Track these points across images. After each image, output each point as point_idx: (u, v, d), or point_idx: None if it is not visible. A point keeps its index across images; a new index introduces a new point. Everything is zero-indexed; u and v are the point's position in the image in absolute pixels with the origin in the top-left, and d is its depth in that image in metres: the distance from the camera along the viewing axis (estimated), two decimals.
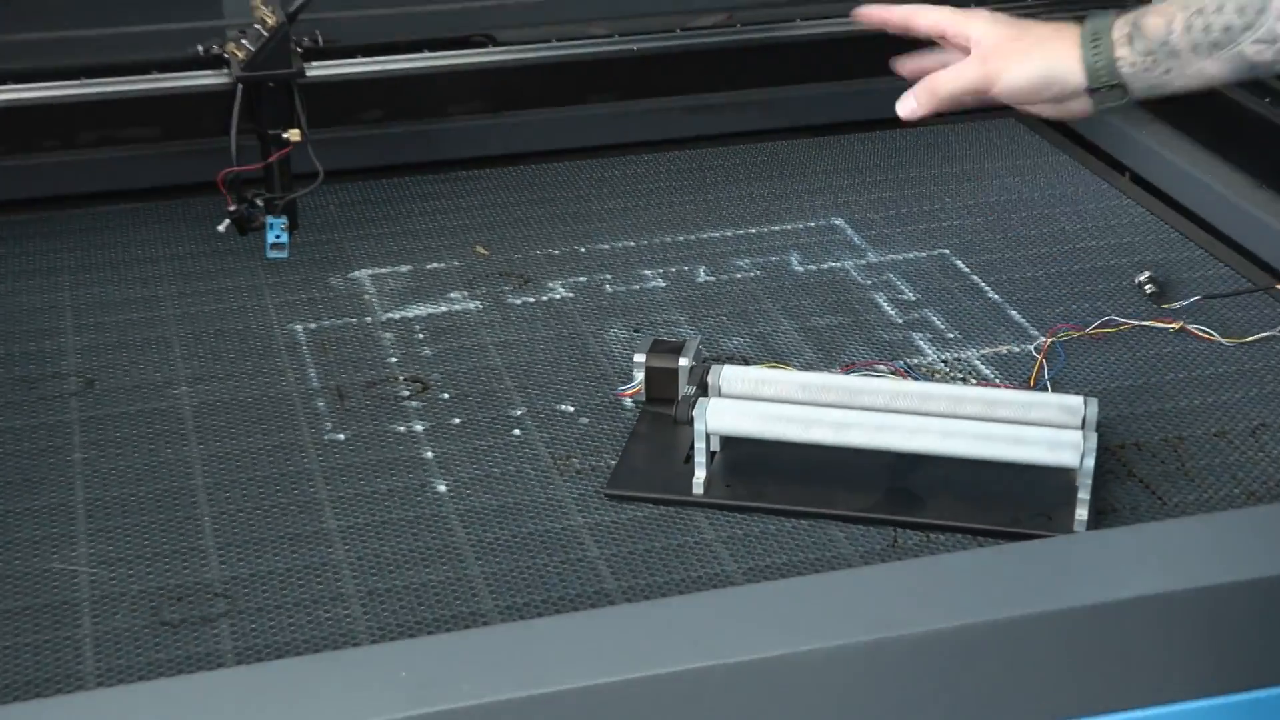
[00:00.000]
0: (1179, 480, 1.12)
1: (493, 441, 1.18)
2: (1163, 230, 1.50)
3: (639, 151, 1.69)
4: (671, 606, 0.96)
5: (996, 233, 1.51)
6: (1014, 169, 1.64)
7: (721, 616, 0.93)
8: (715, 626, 0.92)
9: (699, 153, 1.70)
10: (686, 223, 1.55)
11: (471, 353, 1.31)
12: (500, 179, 1.64)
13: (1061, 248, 1.48)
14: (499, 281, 1.43)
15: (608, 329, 1.34)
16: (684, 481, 1.11)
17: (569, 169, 1.66)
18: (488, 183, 1.63)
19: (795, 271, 1.44)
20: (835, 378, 1.15)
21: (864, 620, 0.92)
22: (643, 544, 1.06)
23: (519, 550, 1.06)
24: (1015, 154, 1.67)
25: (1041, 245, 1.48)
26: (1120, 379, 1.25)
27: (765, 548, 1.06)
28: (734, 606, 0.94)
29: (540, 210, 1.57)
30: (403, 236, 1.51)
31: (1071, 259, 1.46)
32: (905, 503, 1.09)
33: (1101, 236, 1.50)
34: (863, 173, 1.64)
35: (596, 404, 1.23)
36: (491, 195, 1.61)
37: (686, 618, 0.93)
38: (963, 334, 1.32)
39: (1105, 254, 1.47)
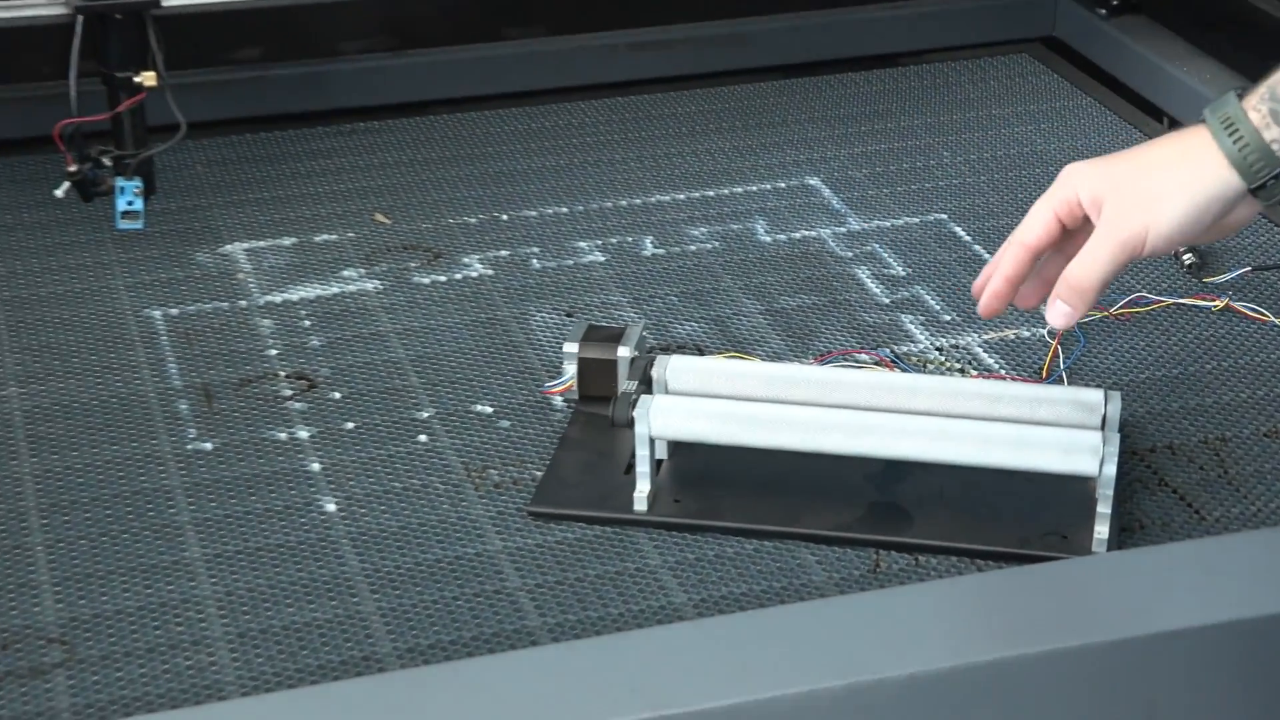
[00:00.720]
0: (1221, 490, 1.14)
1: (394, 450, 1.18)
2: None
3: (572, 98, 1.69)
4: (608, 647, 0.96)
5: (1004, 194, 1.52)
6: (1027, 115, 1.66)
7: (668, 658, 0.93)
8: (661, 670, 0.92)
9: (644, 99, 1.70)
10: (629, 184, 1.55)
11: (369, 343, 1.31)
12: (404, 132, 1.64)
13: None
14: (402, 256, 1.43)
15: (534, 313, 1.34)
16: (624, 496, 1.11)
17: (487, 119, 1.66)
18: (388, 136, 1.63)
19: (761, 242, 1.45)
20: (807, 370, 1.15)
21: (839, 662, 0.92)
22: (574, 572, 1.07)
23: (424, 581, 1.06)
24: (1029, 96, 1.69)
25: None
26: (1151, 368, 1.26)
27: (721, 575, 1.06)
28: (683, 646, 0.95)
29: (452, 170, 1.57)
30: (285, 203, 1.51)
31: None
32: (890, 519, 1.10)
33: None
34: (843, 122, 1.65)
35: (520, 404, 1.23)
36: (393, 152, 1.60)
37: (626, 660, 0.93)
38: (962, 316, 1.33)
39: None
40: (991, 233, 1.45)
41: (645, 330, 1.24)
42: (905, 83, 1.72)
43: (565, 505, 1.12)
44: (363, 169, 1.57)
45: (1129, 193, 1.05)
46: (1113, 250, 1.05)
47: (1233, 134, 1.03)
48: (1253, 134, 1.03)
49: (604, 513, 1.11)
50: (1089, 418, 1.10)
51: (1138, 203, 1.04)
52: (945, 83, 1.72)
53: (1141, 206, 1.04)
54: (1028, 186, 1.53)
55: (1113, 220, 1.05)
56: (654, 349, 1.28)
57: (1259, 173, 1.04)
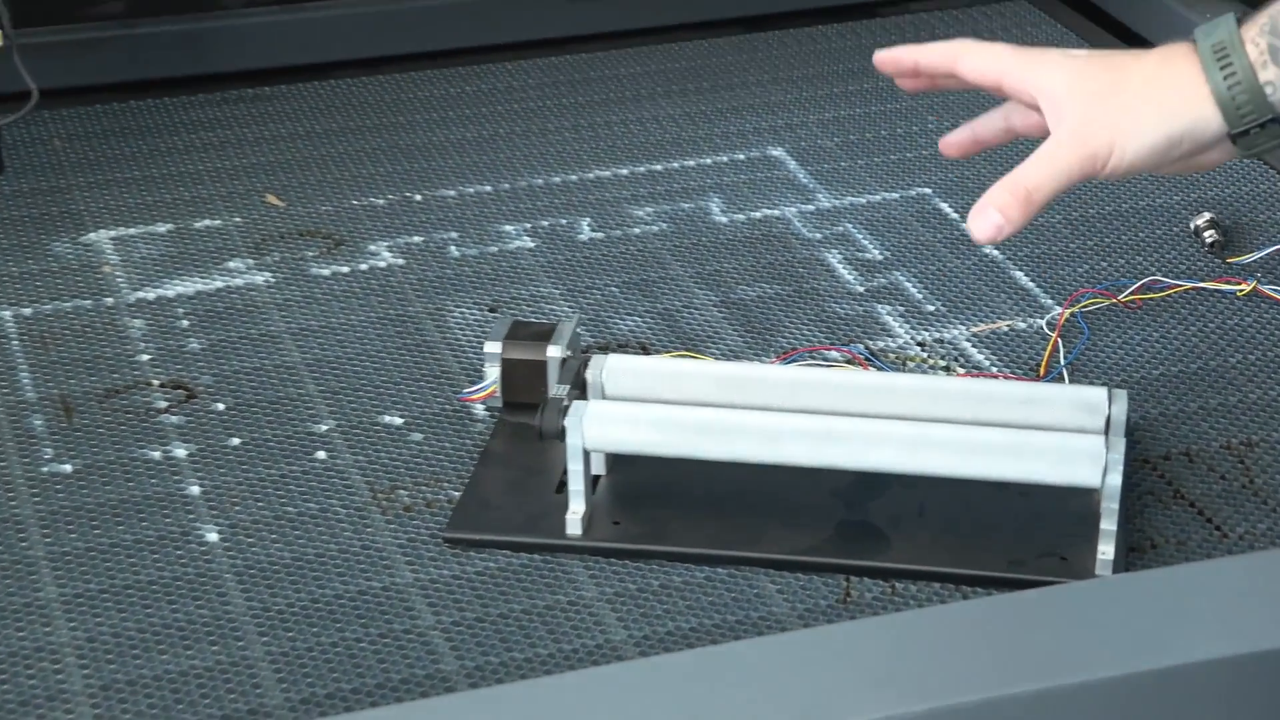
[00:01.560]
0: (1246, 502, 1.15)
1: (287, 470, 1.19)
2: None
3: (496, 58, 1.70)
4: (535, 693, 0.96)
5: (999, 163, 1.51)
6: None
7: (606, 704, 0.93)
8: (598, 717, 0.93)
9: (581, 58, 1.71)
10: (564, 157, 1.56)
11: (258, 345, 1.31)
12: (299, 99, 1.64)
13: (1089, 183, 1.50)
14: (298, 244, 1.43)
15: (452, 309, 1.35)
16: (555, 519, 1.12)
17: (397, 84, 1.67)
18: (281, 105, 1.63)
19: (715, 223, 1.46)
20: (768, 370, 1.16)
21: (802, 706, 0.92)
22: (496, 607, 1.07)
23: (321, 621, 1.06)
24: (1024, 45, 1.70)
25: None
26: (1166, 363, 1.28)
27: (668, 608, 1.07)
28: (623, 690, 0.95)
29: (356, 143, 1.58)
30: (159, 183, 1.51)
31: (1102, 198, 1.49)
32: (862, 541, 1.11)
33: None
34: (811, 83, 1.66)
35: (435, 414, 1.24)
36: (286, 123, 1.61)
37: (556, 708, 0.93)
38: (948, 306, 1.35)
39: (1149, 189, 1.50)
40: None
41: (580, 326, 1.25)
42: (883, 36, 1.73)
43: (487, 530, 1.12)
44: (251, 143, 1.57)
45: (1100, 104, 1.05)
46: (1073, 162, 1.05)
47: (1224, 66, 1.04)
48: (1246, 71, 1.03)
49: (532, 538, 1.11)
50: (1091, 420, 1.11)
51: (1108, 122, 1.05)
52: (931, 35, 1.73)
53: (1111, 126, 1.04)
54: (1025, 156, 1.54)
55: (1078, 132, 1.05)
56: (590, 348, 1.29)
57: (1245, 117, 1.04)
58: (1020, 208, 1.06)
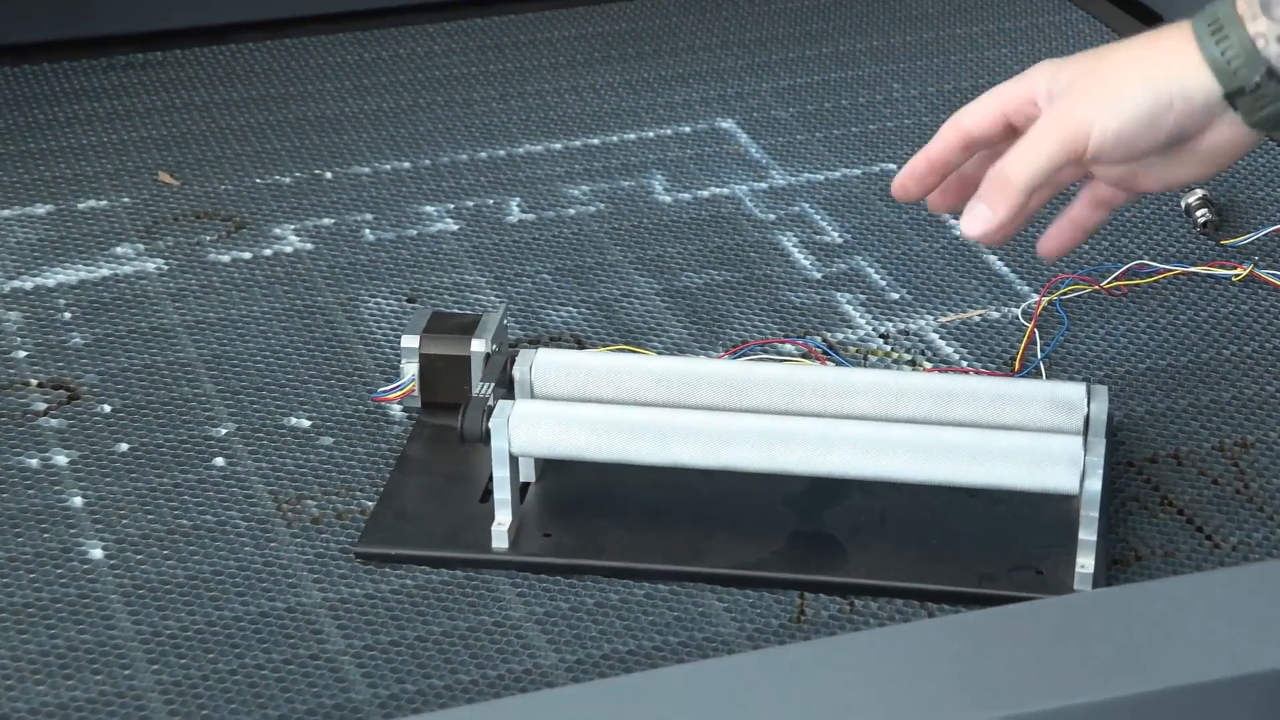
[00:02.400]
0: (1240, 510, 1.16)
1: (181, 478, 1.19)
2: None
3: (415, 19, 1.70)
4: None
5: None
6: (1001, 35, 1.68)
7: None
8: None
9: (510, 20, 1.71)
10: (491, 130, 1.56)
11: (149, 340, 1.31)
12: (195, 66, 1.64)
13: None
14: (194, 227, 1.43)
15: (366, 298, 1.36)
16: (479, 531, 1.12)
17: (305, 49, 1.67)
18: (175, 72, 1.63)
19: (659, 202, 1.47)
20: (715, 365, 1.17)
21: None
22: (414, 630, 1.08)
23: (218, 646, 1.06)
24: (1003, 11, 1.71)
25: None
26: (1153, 356, 1.29)
27: (603, 628, 1.08)
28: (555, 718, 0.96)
29: (260, 113, 1.58)
30: (37, 159, 1.51)
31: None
32: (817, 554, 1.11)
33: None
34: (764, 47, 1.67)
35: (346, 415, 1.24)
36: (182, 92, 1.61)
37: None
38: (913, 293, 1.36)
39: None
40: None
41: (508, 318, 1.25)
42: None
43: (403, 544, 1.12)
44: (142, 114, 1.57)
45: (1081, 85, 1.09)
46: (1051, 142, 1.08)
47: (1215, 30, 1.07)
48: (1235, 26, 1.06)
49: (453, 552, 1.12)
50: (1069, 419, 1.11)
51: (1088, 94, 1.08)
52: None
53: (1091, 98, 1.08)
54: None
55: (1057, 111, 1.09)
56: (519, 342, 1.29)
57: (1237, 72, 1.06)
58: (1000, 195, 1.09)
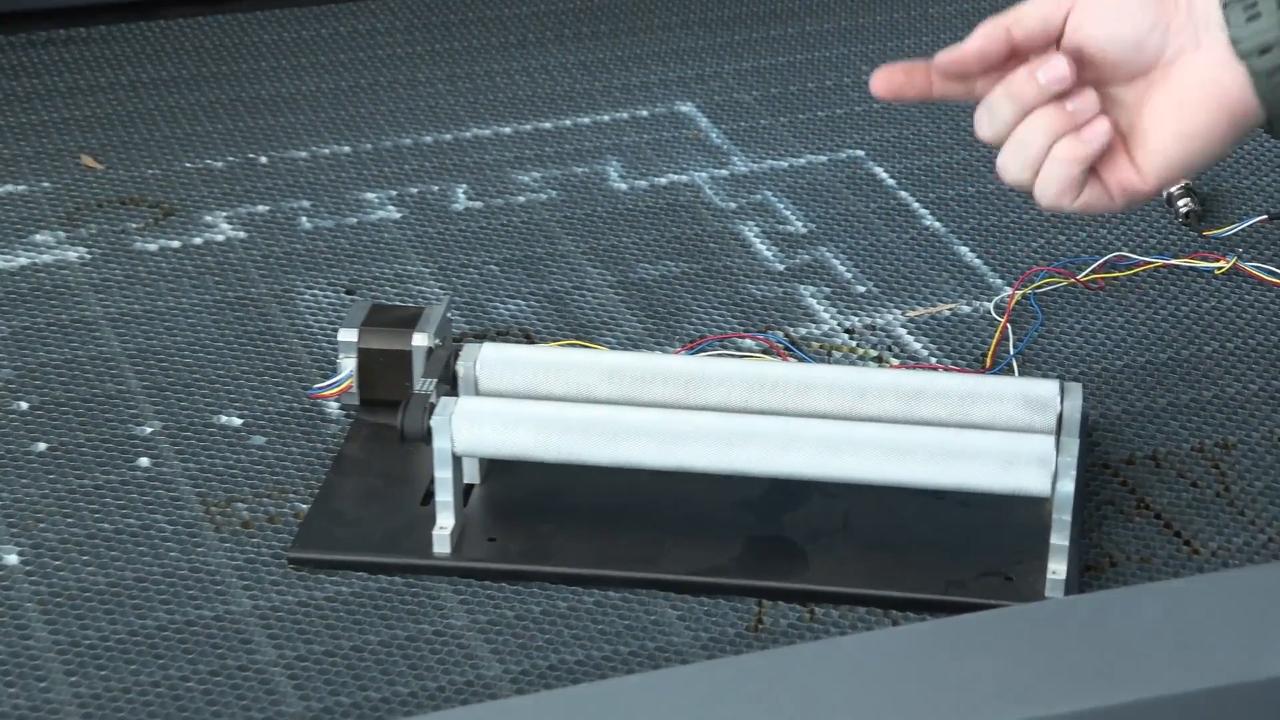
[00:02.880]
0: (1221, 514, 1.17)
1: (103, 479, 1.19)
2: None
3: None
4: None
5: (941, 121, 1.56)
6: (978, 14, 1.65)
7: None
8: None
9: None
10: (437, 113, 1.57)
11: (70, 333, 1.32)
12: (121, 43, 1.65)
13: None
14: (119, 214, 1.44)
15: (302, 290, 1.36)
16: (420, 535, 1.13)
17: (238, 26, 1.68)
18: (99, 49, 1.64)
19: (614, 190, 1.47)
20: (670, 361, 1.17)
21: None
22: (350, 639, 1.08)
23: (141, 657, 1.07)
24: None
25: None
26: (1130, 353, 1.30)
27: (550, 638, 1.08)
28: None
29: (191, 93, 1.58)
30: None
31: None
32: (776, 559, 1.12)
33: None
34: (727, 27, 1.68)
35: (280, 413, 1.25)
36: (107, 70, 1.61)
37: None
38: (881, 286, 1.37)
39: None
40: (923, 175, 1.49)
41: (452, 311, 1.27)
42: None
43: (339, 549, 1.13)
44: (63, 94, 1.57)
45: None
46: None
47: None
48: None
49: (392, 558, 1.12)
50: (1041, 418, 1.12)
51: None
52: None
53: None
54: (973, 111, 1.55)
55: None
56: (463, 336, 1.30)
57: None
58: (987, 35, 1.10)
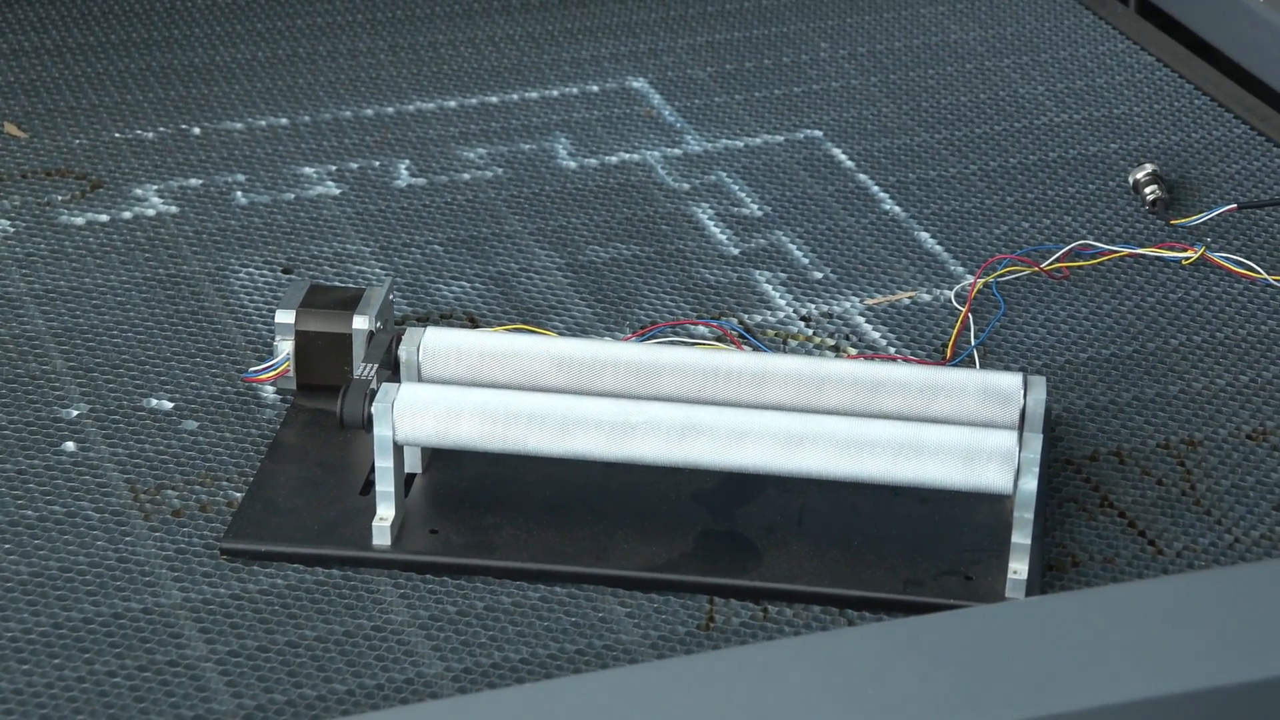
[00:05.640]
0: (1186, 513, 1.18)
1: (27, 464, 1.20)
2: (1179, 92, 1.58)
3: None
4: None
5: (902, 101, 1.57)
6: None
7: None
8: None
9: None
10: (379, 86, 1.57)
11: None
12: (47, 5, 1.65)
13: (1010, 126, 1.54)
14: (45, 186, 1.44)
15: (237, 268, 1.37)
16: (359, 526, 1.14)
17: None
18: (25, 11, 1.64)
19: (563, 168, 1.48)
20: (620, 348, 1.18)
21: None
22: (285, 634, 1.09)
23: (65, 651, 1.07)
24: None
25: (977, 124, 1.55)
26: (1094, 345, 1.31)
27: (494, 634, 1.09)
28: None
29: (119, 62, 1.59)
30: None
31: (1024, 145, 1.52)
32: (728, 556, 1.13)
33: (1077, 107, 1.57)
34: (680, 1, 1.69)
35: (213, 397, 1.25)
36: (31, 34, 1.62)
37: None
38: (839, 273, 1.38)
39: (1081, 135, 1.53)
40: (883, 157, 1.50)
41: (394, 293, 1.27)
42: None
43: (274, 540, 1.14)
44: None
45: None
46: None
47: None
48: None
49: (330, 549, 1.13)
50: (1003, 412, 1.14)
51: None
52: None
53: None
54: (936, 92, 1.57)
55: None
56: (406, 319, 1.31)
57: None
58: None
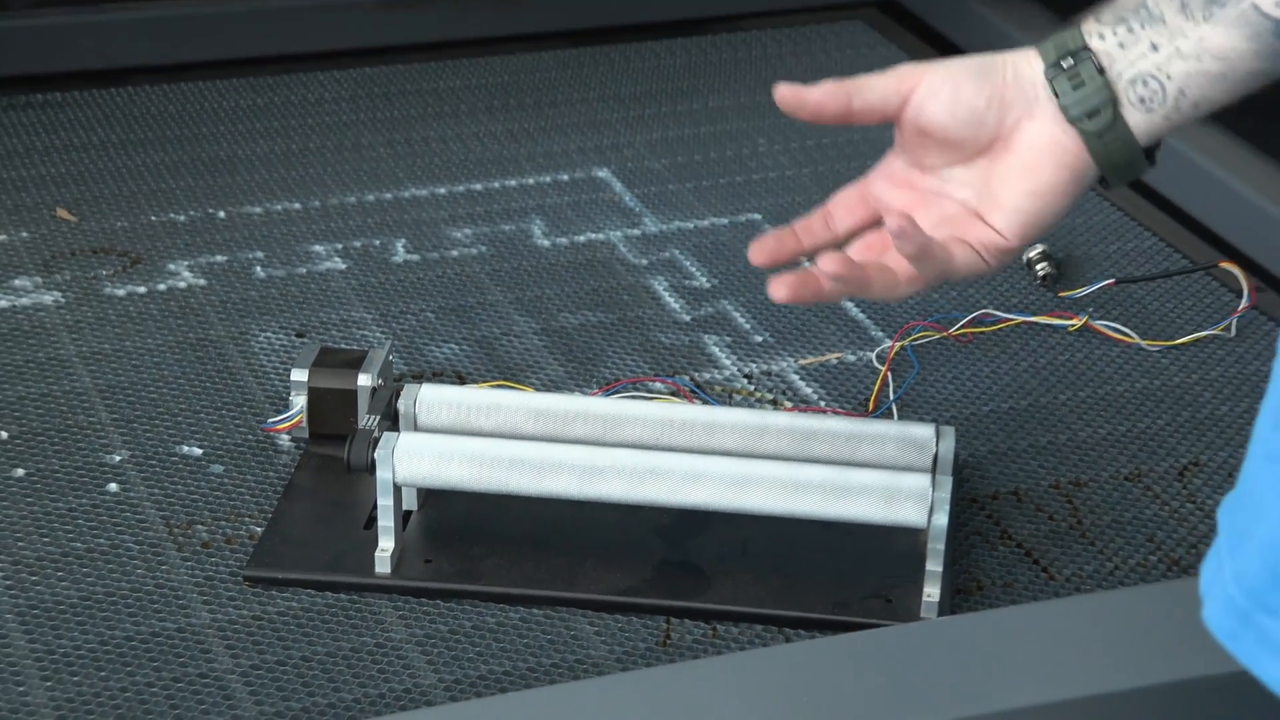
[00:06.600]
0: (1073, 544, 1.18)
1: (76, 503, 1.19)
2: None
3: (306, 67, 1.71)
4: None
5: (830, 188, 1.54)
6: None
7: None
8: None
9: (399, 69, 1.73)
10: (378, 175, 1.57)
11: (46, 369, 1.31)
12: (95, 106, 1.64)
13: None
14: (91, 262, 1.43)
15: (256, 333, 1.36)
16: (363, 556, 1.13)
17: (200, 93, 1.67)
18: (75, 112, 1.63)
19: (537, 246, 1.48)
20: (588, 402, 1.18)
21: None
22: (299, 650, 1.08)
23: (110, 664, 1.06)
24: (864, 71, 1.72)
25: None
26: (996, 400, 1.31)
27: (480, 650, 1.08)
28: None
29: (156, 154, 1.58)
30: None
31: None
32: (683, 581, 1.13)
33: None
34: (639, 101, 1.69)
35: (237, 444, 1.24)
36: (81, 132, 1.61)
37: None
38: (776, 336, 1.37)
39: None
40: None
41: (393, 354, 1.26)
42: (715, 54, 1.77)
43: (290, 568, 1.13)
44: (41, 152, 1.57)
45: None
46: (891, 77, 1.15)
47: (1057, 34, 1.07)
48: (1074, 29, 1.07)
49: (338, 576, 1.13)
50: (919, 458, 1.14)
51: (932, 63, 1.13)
52: (763, 54, 1.77)
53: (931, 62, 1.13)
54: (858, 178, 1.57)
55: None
56: (403, 377, 1.30)
57: (1061, 45, 1.07)
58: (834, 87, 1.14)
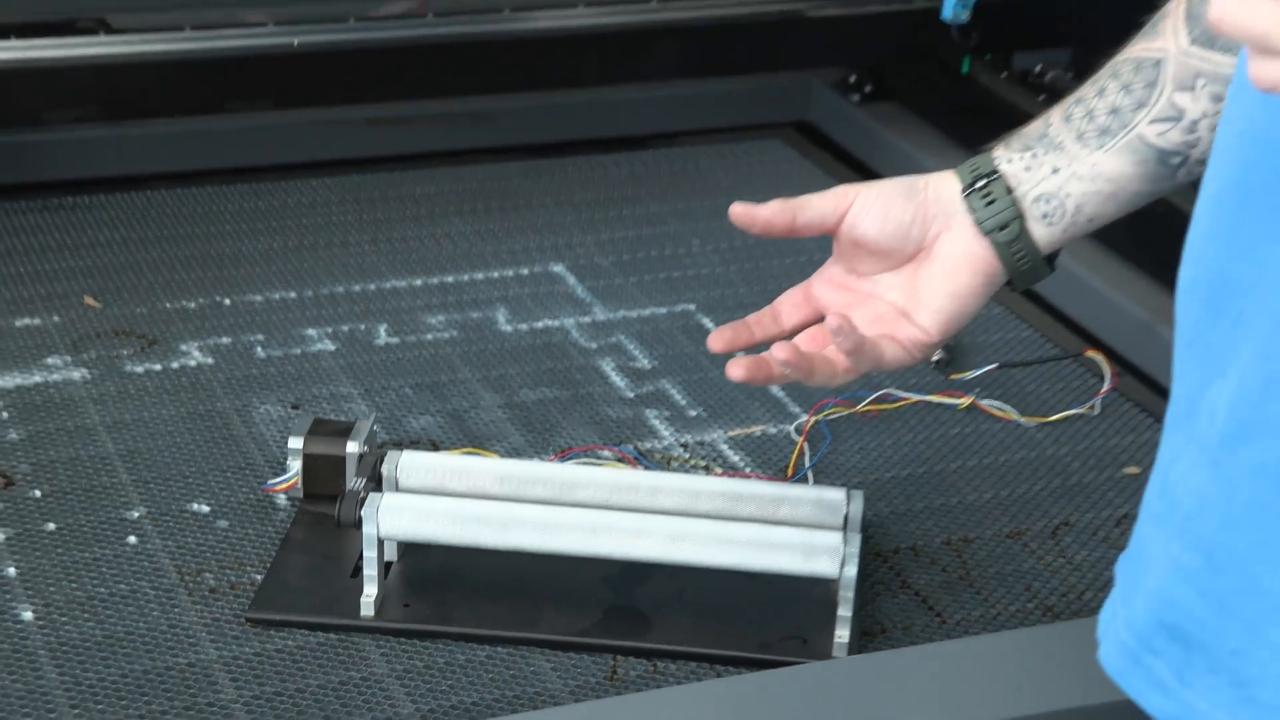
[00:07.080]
0: (962, 592, 1.22)
1: (99, 553, 1.21)
2: None
3: (301, 175, 1.74)
4: None
5: (754, 284, 1.60)
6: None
7: None
8: None
9: (380, 177, 1.75)
10: (363, 268, 1.60)
11: (74, 436, 1.33)
12: (117, 209, 1.67)
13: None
14: (113, 343, 1.45)
15: (257, 405, 1.38)
16: (350, 601, 1.16)
17: (209, 197, 1.70)
18: (100, 214, 1.65)
19: (501, 332, 1.51)
20: (545, 467, 1.21)
21: None
22: (294, 682, 1.10)
23: (130, 694, 1.08)
24: (782, 183, 1.77)
25: None
26: (896, 467, 1.36)
27: (452, 683, 1.11)
28: None
29: (170, 250, 1.60)
30: None
31: None
32: (628, 624, 1.16)
33: None
34: (589, 206, 1.73)
35: (240, 503, 1.27)
36: (105, 230, 1.63)
37: None
38: (708, 411, 1.41)
39: None
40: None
41: (376, 424, 1.29)
42: (654, 166, 1.81)
43: (287, 611, 1.15)
44: (71, 248, 1.59)
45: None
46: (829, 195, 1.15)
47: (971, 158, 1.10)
48: (985, 154, 1.10)
49: (328, 618, 1.15)
50: (831, 518, 1.18)
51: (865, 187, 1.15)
52: (695, 167, 1.81)
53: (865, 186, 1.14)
54: (779, 277, 1.61)
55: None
56: (385, 444, 1.33)
57: (973, 167, 1.09)
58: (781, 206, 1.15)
